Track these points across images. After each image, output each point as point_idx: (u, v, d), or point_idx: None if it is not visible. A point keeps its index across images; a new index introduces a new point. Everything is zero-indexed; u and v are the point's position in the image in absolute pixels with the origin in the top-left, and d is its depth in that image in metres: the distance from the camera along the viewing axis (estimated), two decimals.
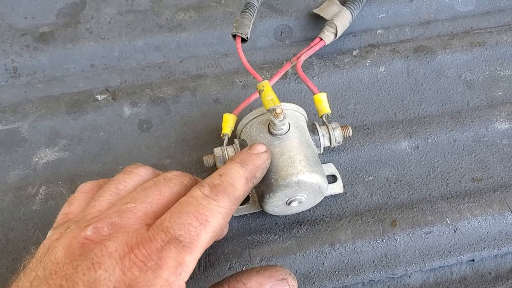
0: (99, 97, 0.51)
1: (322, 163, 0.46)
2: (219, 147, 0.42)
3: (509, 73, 0.53)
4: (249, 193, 0.39)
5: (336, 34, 0.51)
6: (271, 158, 0.39)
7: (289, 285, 0.34)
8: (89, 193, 0.37)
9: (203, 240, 0.30)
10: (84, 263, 0.28)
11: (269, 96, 0.40)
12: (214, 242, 0.37)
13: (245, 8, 0.47)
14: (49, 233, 0.33)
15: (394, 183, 0.46)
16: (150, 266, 0.28)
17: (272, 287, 0.34)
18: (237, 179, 0.34)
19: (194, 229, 0.30)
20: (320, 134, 0.42)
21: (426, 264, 0.42)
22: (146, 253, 0.28)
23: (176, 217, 0.30)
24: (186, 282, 0.30)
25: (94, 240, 0.29)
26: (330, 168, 0.46)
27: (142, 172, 0.37)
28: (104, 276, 0.28)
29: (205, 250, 0.33)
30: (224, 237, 0.41)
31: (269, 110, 0.39)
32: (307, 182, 0.38)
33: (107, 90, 0.52)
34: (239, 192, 0.34)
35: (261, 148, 0.38)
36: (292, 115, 0.42)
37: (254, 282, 0.33)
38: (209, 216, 0.31)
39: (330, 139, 0.43)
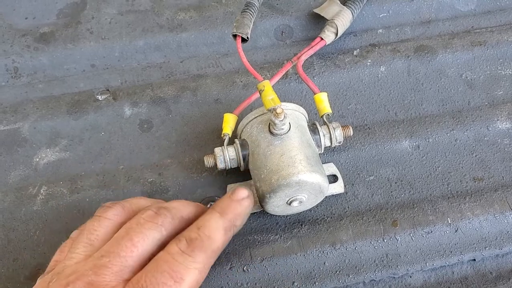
0: (99, 97, 0.51)
1: (322, 163, 0.46)
2: (220, 147, 0.42)
3: (510, 72, 0.53)
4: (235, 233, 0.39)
5: (336, 34, 0.51)
6: (273, 157, 0.39)
7: None
8: None
9: None
10: None
11: (270, 96, 0.40)
12: None
13: (245, 8, 0.47)
14: (38, 279, 0.34)
15: (395, 182, 0.46)
16: None
17: None
18: (215, 230, 0.35)
19: None
20: (321, 133, 0.42)
21: (427, 264, 0.42)
22: None
23: (151, 276, 0.31)
24: None
25: None
26: (331, 168, 0.46)
27: (110, 215, 0.36)
28: None
29: None
30: None
31: (269, 110, 0.39)
32: (308, 182, 0.38)
33: (108, 90, 0.52)
34: (217, 245, 0.34)
35: (242, 193, 0.38)
36: (293, 115, 0.42)
37: None
38: (184, 274, 0.32)
39: (330, 138, 0.43)
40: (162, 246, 0.34)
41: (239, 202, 0.37)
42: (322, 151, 0.43)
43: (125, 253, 0.33)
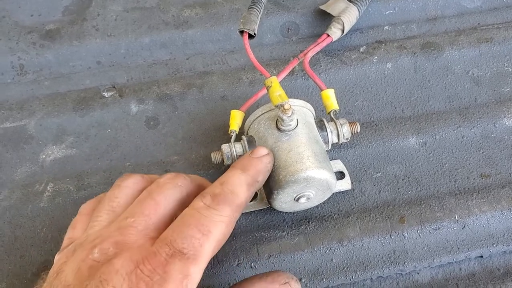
0: (106, 94, 0.51)
1: (330, 160, 0.46)
2: (227, 144, 0.42)
3: None
4: (257, 190, 0.39)
5: (343, 31, 0.51)
6: (281, 154, 0.39)
7: None
8: (90, 214, 0.37)
9: (207, 251, 0.31)
10: (92, 282, 0.29)
11: (277, 92, 0.40)
12: None
13: (252, 4, 0.47)
14: (56, 256, 0.34)
15: (402, 179, 0.46)
16: (156, 280, 0.29)
17: None
18: (238, 186, 0.35)
19: (197, 240, 0.31)
20: (328, 130, 0.42)
21: (435, 261, 0.42)
22: (151, 267, 0.29)
23: (179, 230, 0.31)
24: None
25: (101, 261, 0.30)
26: (338, 165, 0.46)
27: (130, 183, 0.37)
28: None
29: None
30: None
31: (277, 106, 0.39)
32: (316, 178, 0.38)
33: (114, 87, 0.52)
34: (240, 199, 0.34)
35: (262, 151, 0.38)
36: (300, 111, 0.42)
37: None
38: (211, 227, 0.32)
39: (338, 135, 0.43)
40: (183, 206, 0.35)
41: (260, 159, 0.37)
42: (330, 148, 0.43)
43: (149, 211, 0.33)
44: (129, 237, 0.31)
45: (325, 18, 0.55)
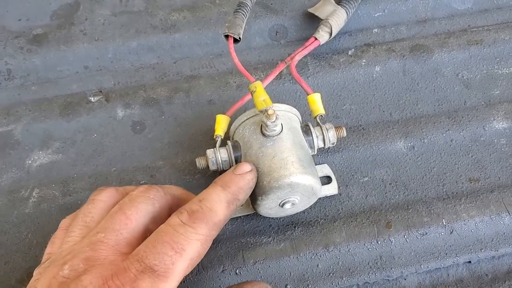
0: (92, 99, 0.51)
1: (317, 164, 0.46)
2: (212, 149, 0.42)
3: (507, 71, 0.52)
4: (238, 207, 0.38)
5: (331, 34, 0.51)
6: (265, 159, 0.38)
7: None
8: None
9: (179, 269, 0.31)
10: None
11: (261, 97, 0.39)
12: None
13: (237, 8, 0.46)
14: (35, 271, 0.34)
15: (390, 184, 0.45)
16: None
17: None
18: (217, 203, 0.34)
19: (169, 258, 0.30)
20: (314, 135, 0.42)
21: (422, 266, 0.41)
22: (120, 283, 0.29)
23: (152, 247, 0.31)
24: (178, 287, 0.31)
25: (70, 278, 0.30)
26: (325, 169, 0.45)
27: (104, 197, 0.36)
28: None
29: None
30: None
31: (261, 111, 0.39)
32: (300, 183, 0.38)
33: (101, 91, 0.51)
34: (219, 217, 0.34)
35: (246, 168, 0.37)
36: (285, 116, 0.41)
37: None
38: (185, 245, 0.31)
39: (324, 140, 0.42)
40: (156, 219, 0.35)
41: (242, 176, 0.37)
42: (315, 153, 0.43)
43: (119, 226, 0.33)
44: (100, 252, 0.31)
45: (313, 21, 0.55)
